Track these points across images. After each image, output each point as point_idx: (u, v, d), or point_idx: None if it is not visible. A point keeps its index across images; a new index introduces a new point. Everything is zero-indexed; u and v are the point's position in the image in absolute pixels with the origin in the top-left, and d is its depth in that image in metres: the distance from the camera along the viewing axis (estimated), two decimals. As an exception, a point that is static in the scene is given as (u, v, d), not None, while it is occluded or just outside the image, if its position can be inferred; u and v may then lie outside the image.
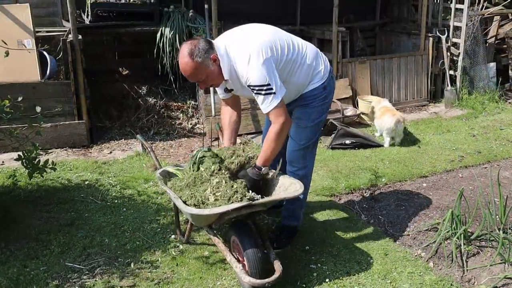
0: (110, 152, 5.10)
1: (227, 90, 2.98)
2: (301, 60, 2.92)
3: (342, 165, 4.74)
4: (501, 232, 3.19)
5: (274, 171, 2.95)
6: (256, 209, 2.67)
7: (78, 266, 3.02)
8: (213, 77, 2.76)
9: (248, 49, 2.69)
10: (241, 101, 5.70)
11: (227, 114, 3.17)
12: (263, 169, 2.81)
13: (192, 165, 2.89)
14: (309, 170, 3.22)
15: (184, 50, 2.67)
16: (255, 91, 2.72)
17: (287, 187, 2.86)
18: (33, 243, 3.26)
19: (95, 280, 2.87)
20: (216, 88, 3.10)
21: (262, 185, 2.89)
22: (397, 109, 6.79)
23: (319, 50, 3.11)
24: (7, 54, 3.74)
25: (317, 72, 3.00)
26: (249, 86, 2.73)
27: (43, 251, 3.16)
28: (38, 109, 3.68)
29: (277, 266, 2.69)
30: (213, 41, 2.81)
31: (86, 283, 2.84)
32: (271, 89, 2.68)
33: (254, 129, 5.77)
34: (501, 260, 3.02)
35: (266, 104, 2.72)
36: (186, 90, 6.39)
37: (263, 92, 2.69)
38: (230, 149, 2.99)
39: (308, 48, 3.01)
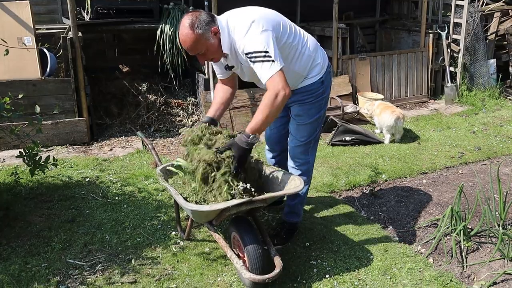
0: (111, 149, 5.11)
1: (227, 68, 2.90)
2: (301, 48, 2.87)
3: (342, 161, 4.75)
4: (500, 228, 3.21)
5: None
6: (256, 205, 2.68)
7: (79, 262, 3.03)
8: (213, 50, 2.68)
9: (249, 19, 2.61)
10: (241, 98, 5.69)
11: (221, 89, 3.06)
12: (251, 136, 2.59)
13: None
14: (310, 166, 3.22)
15: (185, 21, 2.60)
16: (252, 59, 2.57)
17: (287, 183, 2.87)
18: (34, 239, 3.27)
19: (96, 277, 2.88)
20: (215, 67, 3.02)
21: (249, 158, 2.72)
22: (397, 106, 6.81)
23: (318, 44, 3.07)
24: (7, 52, 3.75)
25: (316, 64, 2.96)
26: (246, 54, 2.59)
27: (44, 248, 3.18)
28: (38, 109, 3.68)
29: (278, 262, 2.70)
30: (215, 14, 2.76)
31: (87, 279, 2.85)
32: (270, 56, 2.53)
33: (254, 126, 5.76)
34: (501, 256, 3.03)
35: (265, 71, 2.54)
36: (186, 87, 6.40)
37: (260, 59, 2.54)
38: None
39: (309, 39, 2.97)
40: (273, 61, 2.55)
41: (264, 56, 2.55)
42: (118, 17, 5.90)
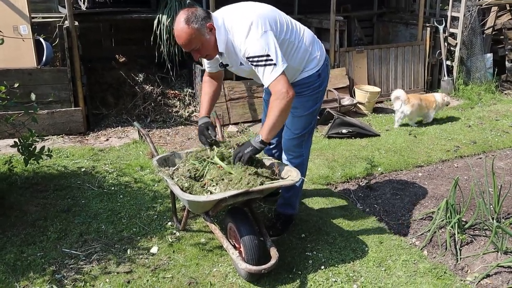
0: (107, 139, 5.09)
1: (221, 65, 2.91)
2: (298, 42, 2.86)
3: (338, 154, 4.76)
4: (494, 221, 3.23)
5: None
6: (253, 196, 2.68)
7: (75, 252, 3.03)
8: (208, 47, 2.67)
9: (248, 21, 2.61)
10: (238, 89, 5.68)
11: (209, 84, 3.10)
12: (264, 141, 2.69)
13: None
14: (304, 158, 3.22)
15: (181, 16, 2.60)
16: (254, 63, 2.60)
17: (284, 175, 2.87)
18: (30, 229, 3.27)
19: (92, 266, 2.89)
20: (206, 62, 3.02)
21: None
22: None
23: (315, 37, 3.06)
24: (2, 41, 3.72)
25: (313, 58, 2.95)
26: (247, 58, 2.62)
27: (40, 237, 3.17)
28: (33, 96, 3.66)
29: (273, 253, 2.71)
30: (210, 12, 2.75)
31: (83, 269, 2.86)
32: (271, 59, 2.56)
33: (251, 117, 5.77)
34: (494, 248, 3.05)
35: (267, 75, 2.59)
36: (183, 78, 6.37)
37: (262, 63, 2.57)
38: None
39: (306, 32, 2.96)
40: (275, 64, 2.58)
41: (266, 60, 2.58)
42: (115, 6, 5.87)
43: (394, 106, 5.69)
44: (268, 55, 2.57)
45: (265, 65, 2.58)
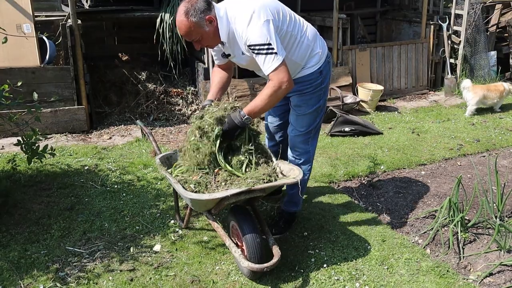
0: (110, 138, 5.10)
1: (224, 56, 2.93)
2: (300, 37, 2.87)
3: (341, 152, 4.76)
4: (497, 219, 3.22)
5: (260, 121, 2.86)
6: (255, 194, 2.68)
7: (78, 250, 3.04)
8: (207, 38, 2.71)
9: (249, 9, 2.63)
10: (240, 88, 5.68)
11: (218, 73, 3.11)
12: (246, 117, 2.68)
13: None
14: (310, 156, 3.22)
15: (181, 8, 2.64)
16: (255, 51, 2.62)
17: (286, 173, 2.87)
18: (34, 227, 3.28)
19: (95, 264, 2.90)
20: (213, 53, 3.04)
21: (238, 135, 2.79)
22: (397, 97, 6.83)
23: (318, 33, 3.06)
24: (5, 40, 3.73)
25: (315, 54, 2.94)
26: (249, 46, 2.63)
27: (44, 235, 3.19)
28: (36, 96, 3.68)
29: (276, 251, 2.72)
30: (213, 2, 2.75)
31: (86, 267, 2.87)
32: (272, 48, 2.58)
33: (253, 116, 5.76)
34: (497, 247, 3.05)
35: (268, 64, 2.61)
36: (186, 76, 6.38)
37: (263, 52, 2.59)
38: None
39: (309, 28, 2.96)
40: (276, 53, 2.59)
41: (268, 49, 2.59)
42: (118, 5, 5.87)
43: (463, 95, 6.16)
44: (269, 44, 2.59)
45: (266, 53, 2.60)
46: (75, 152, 4.59)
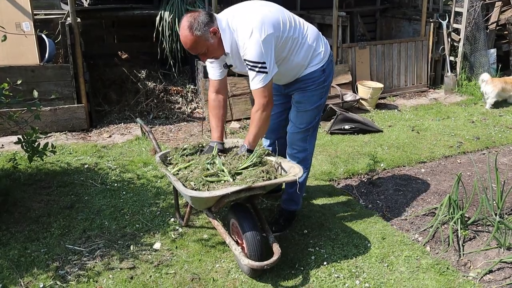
0: (110, 136, 5.10)
1: (226, 66, 2.96)
2: (302, 39, 2.91)
3: (341, 150, 4.76)
4: (497, 217, 3.22)
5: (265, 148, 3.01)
6: (255, 192, 2.68)
7: (78, 248, 3.04)
8: (213, 50, 2.75)
9: (251, 23, 2.69)
10: (240, 86, 5.68)
11: (216, 104, 3.05)
12: (248, 149, 2.86)
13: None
14: (309, 153, 3.23)
15: (184, 23, 2.67)
16: (249, 66, 2.73)
17: (286, 170, 2.87)
18: (34, 225, 3.28)
19: (95, 262, 2.90)
20: (210, 69, 3.02)
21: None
22: (396, 95, 6.83)
23: (320, 33, 3.09)
24: (5, 38, 3.72)
25: (317, 53, 2.99)
26: (245, 60, 2.73)
27: (44, 234, 3.19)
28: (35, 94, 3.67)
29: (276, 249, 2.72)
30: (215, 14, 2.79)
31: (86, 265, 2.87)
32: (265, 67, 2.69)
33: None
34: (497, 244, 3.05)
35: (256, 82, 2.74)
36: (186, 74, 6.37)
37: (256, 69, 2.70)
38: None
39: (310, 29, 3.00)
40: (266, 73, 2.71)
41: (261, 67, 2.70)
42: (117, 3, 5.87)
43: (481, 88, 6.28)
44: (264, 63, 2.69)
45: (258, 71, 2.71)
46: (75, 150, 4.59)
